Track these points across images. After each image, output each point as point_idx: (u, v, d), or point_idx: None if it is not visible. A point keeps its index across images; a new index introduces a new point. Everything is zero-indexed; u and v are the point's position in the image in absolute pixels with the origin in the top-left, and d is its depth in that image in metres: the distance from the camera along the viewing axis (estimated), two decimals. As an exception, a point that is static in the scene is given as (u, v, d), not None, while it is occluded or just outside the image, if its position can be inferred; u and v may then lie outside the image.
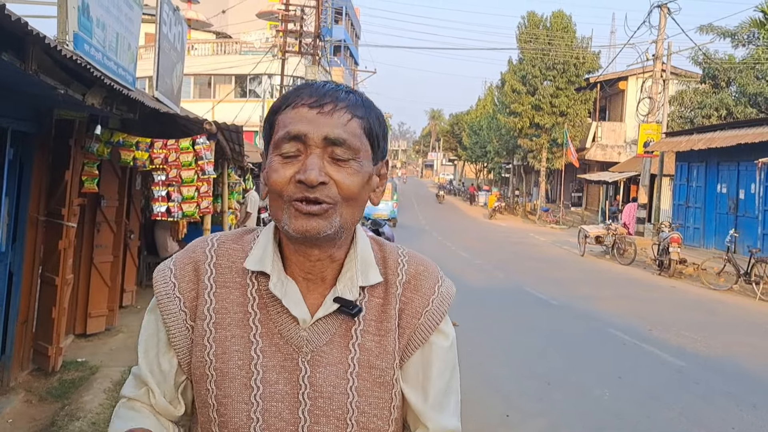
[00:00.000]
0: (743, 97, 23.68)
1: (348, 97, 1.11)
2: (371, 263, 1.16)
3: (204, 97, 34.01)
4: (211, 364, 1.12)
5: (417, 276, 1.19)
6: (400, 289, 1.17)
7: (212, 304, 1.14)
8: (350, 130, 1.07)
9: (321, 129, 1.06)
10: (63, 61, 4.05)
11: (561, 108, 32.82)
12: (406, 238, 20.68)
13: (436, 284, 1.20)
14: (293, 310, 1.10)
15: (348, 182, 1.07)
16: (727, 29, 25.13)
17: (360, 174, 1.08)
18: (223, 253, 1.17)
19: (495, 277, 14.16)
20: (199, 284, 1.15)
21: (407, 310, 1.16)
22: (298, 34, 26.69)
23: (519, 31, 35.18)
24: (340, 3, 47.42)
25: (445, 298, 1.21)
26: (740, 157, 17.07)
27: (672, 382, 6.82)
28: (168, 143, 6.63)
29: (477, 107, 59.81)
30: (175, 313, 1.14)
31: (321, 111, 1.07)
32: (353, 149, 1.07)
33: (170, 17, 8.13)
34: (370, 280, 1.15)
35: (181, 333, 1.14)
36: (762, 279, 12.43)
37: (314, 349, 1.11)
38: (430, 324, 1.17)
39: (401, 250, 1.23)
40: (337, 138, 1.06)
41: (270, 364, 1.11)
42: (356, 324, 1.13)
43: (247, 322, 1.12)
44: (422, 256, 1.24)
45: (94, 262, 7.08)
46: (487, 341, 8.26)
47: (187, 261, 1.17)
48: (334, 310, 1.11)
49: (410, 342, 1.16)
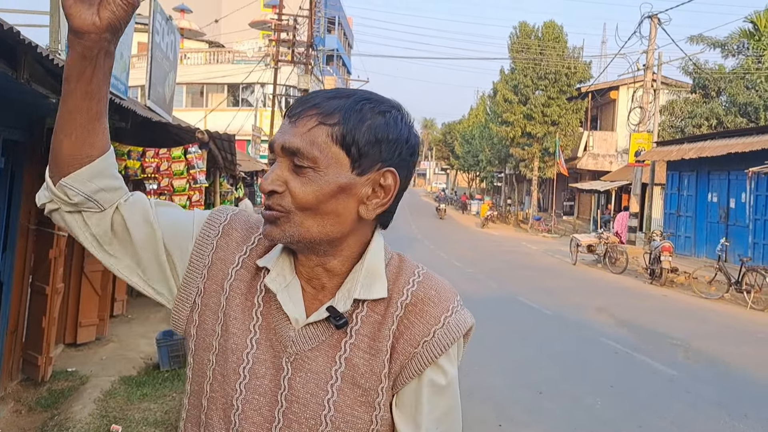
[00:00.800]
0: (733, 107, 23.86)
1: (327, 104, 1.07)
2: (378, 276, 1.11)
3: (196, 106, 33.99)
4: (218, 337, 1.13)
5: (424, 300, 1.11)
6: (401, 311, 1.10)
7: (232, 279, 1.16)
8: (310, 138, 1.04)
9: (282, 138, 1.07)
10: (55, 70, 4.04)
11: (553, 117, 32.97)
12: (397, 247, 20.63)
13: (444, 314, 1.11)
14: (286, 307, 1.10)
15: (298, 191, 1.05)
16: (717, 39, 25.38)
17: (316, 183, 1.04)
18: (264, 243, 1.19)
19: (487, 287, 14.16)
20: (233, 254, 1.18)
21: (405, 336, 1.09)
22: (291, 43, 26.75)
23: (511, 41, 35.36)
24: (333, 13, 47.58)
25: (451, 332, 1.10)
26: (731, 167, 17.18)
27: (664, 391, 6.83)
28: (160, 152, 6.64)
29: (469, 116, 60.04)
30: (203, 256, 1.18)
31: (291, 119, 1.08)
32: (308, 158, 1.04)
33: (163, 26, 8.13)
34: (373, 294, 1.10)
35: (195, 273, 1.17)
36: (753, 288, 12.48)
37: (298, 352, 1.10)
38: (427, 356, 1.09)
39: (419, 270, 1.16)
40: (290, 147, 1.05)
41: (262, 357, 1.11)
42: (348, 337, 1.10)
43: (252, 312, 1.13)
44: (441, 281, 1.16)
45: (84, 271, 7.05)
46: (480, 350, 8.25)
47: (240, 228, 1.20)
48: (324, 318, 1.10)
49: (404, 370, 1.09)
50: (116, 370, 6.34)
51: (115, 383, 5.95)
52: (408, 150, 1.12)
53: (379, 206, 1.10)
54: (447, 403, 1.12)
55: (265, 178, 1.06)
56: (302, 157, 1.04)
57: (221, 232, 1.19)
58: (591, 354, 8.41)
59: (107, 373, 6.22)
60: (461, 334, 1.12)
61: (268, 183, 1.06)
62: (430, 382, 1.09)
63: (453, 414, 1.13)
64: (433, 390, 1.10)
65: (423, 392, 1.09)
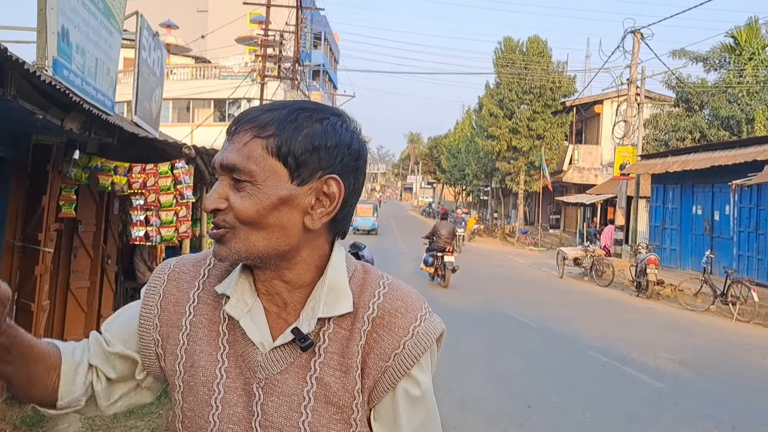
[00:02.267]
0: (716, 120, 24.16)
1: (262, 116, 1.06)
2: (342, 292, 1.10)
3: (183, 122, 33.92)
4: (181, 375, 1.13)
5: (392, 312, 1.10)
6: (368, 325, 1.09)
7: (191, 317, 1.15)
8: (245, 153, 1.04)
9: (220, 156, 1.07)
10: (42, 86, 4.04)
11: (538, 131, 33.20)
12: (384, 260, 20.64)
13: (412, 324, 1.09)
14: (250, 333, 1.09)
15: (239, 206, 1.04)
16: (699, 54, 25.75)
17: (256, 197, 1.03)
18: (216, 273, 1.18)
19: (474, 300, 14.17)
20: (186, 296, 1.17)
21: (376, 350, 1.08)
22: (277, 58, 26.81)
23: (496, 55, 35.64)
24: (319, 28, 47.79)
25: (422, 341, 1.09)
26: (714, 179, 17.36)
27: (651, 403, 6.85)
28: (146, 168, 6.61)
29: (455, 131, 60.30)
30: (150, 307, 1.18)
31: (228, 137, 1.08)
32: (245, 172, 1.03)
33: (149, 42, 8.14)
34: (338, 311, 1.08)
35: (148, 328, 1.17)
36: (738, 300, 12.58)
37: (268, 377, 1.08)
38: (400, 369, 1.07)
39: (383, 281, 1.14)
40: (228, 163, 1.05)
41: (232, 385, 1.10)
42: (317, 356, 1.08)
43: (218, 342, 1.12)
44: (407, 290, 1.14)
45: (70, 288, 6.99)
46: (467, 364, 8.26)
47: (185, 270, 1.21)
48: (290, 340, 1.08)
49: (378, 385, 1.08)
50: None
51: (101, 401, 5.87)
52: (351, 155, 1.09)
53: (325, 215, 1.08)
54: (424, 413, 1.11)
55: (207, 198, 1.06)
56: (240, 172, 1.04)
57: (166, 281, 1.19)
58: (579, 367, 8.42)
59: (93, 391, 6.15)
60: (432, 342, 1.11)
61: (210, 202, 1.05)
62: (405, 393, 1.08)
63: (431, 423, 1.12)
64: (409, 401, 1.09)
65: (399, 404, 1.08)
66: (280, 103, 1.10)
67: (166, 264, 1.22)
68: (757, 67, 23.45)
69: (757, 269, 15.42)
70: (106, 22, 6.16)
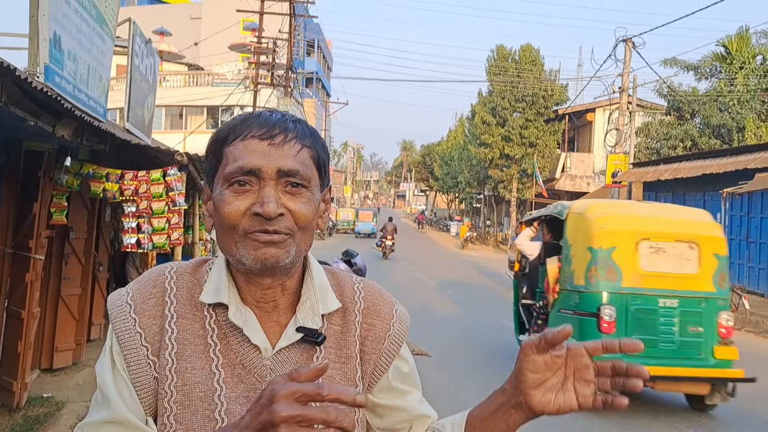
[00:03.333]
0: (707, 129, 24.31)
1: (296, 127, 1.11)
2: (328, 290, 1.17)
3: (176, 128, 33.88)
4: (172, 396, 1.07)
5: (375, 302, 1.22)
6: (360, 317, 1.19)
7: (174, 334, 1.10)
8: (301, 160, 1.08)
9: (274, 161, 1.06)
10: (33, 93, 4.03)
11: (530, 139, 33.31)
12: (377, 267, 20.66)
13: (392, 308, 1.23)
14: (254, 339, 1.09)
15: (304, 211, 1.08)
16: (691, 63, 25.93)
17: (313, 202, 1.10)
18: (183, 284, 1.15)
19: (466, 307, 14.18)
20: (162, 316, 1.11)
21: (371, 336, 1.19)
22: (270, 66, 26.85)
23: (488, 63, 35.78)
24: (312, 36, 47.89)
25: (404, 321, 1.24)
26: (706, 187, 17.46)
27: (646, 410, 6.86)
28: (138, 175, 6.60)
29: (448, 138, 60.45)
30: (136, 349, 1.09)
31: (272, 142, 1.07)
32: (306, 179, 1.08)
33: (142, 49, 8.14)
34: (330, 307, 1.15)
35: (143, 370, 1.09)
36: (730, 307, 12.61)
37: None
38: (394, 347, 1.20)
39: (355, 278, 1.25)
40: (291, 169, 1.07)
41: (233, 395, 1.08)
42: (317, 352, 1.13)
43: (208, 354, 1.10)
44: (375, 283, 1.27)
45: (61, 295, 6.96)
46: (459, 371, 8.25)
47: (148, 295, 1.13)
48: (297, 339, 1.10)
49: (376, 368, 1.18)
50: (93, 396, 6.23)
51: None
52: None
53: (326, 218, 1.19)
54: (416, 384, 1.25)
55: (267, 202, 1.04)
56: (300, 179, 1.07)
57: (136, 317, 1.11)
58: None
59: (84, 399, 6.12)
60: (408, 321, 1.25)
61: (274, 206, 1.04)
62: (397, 370, 1.21)
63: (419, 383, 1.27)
64: (401, 377, 1.22)
65: (393, 381, 1.21)
66: (289, 114, 1.15)
67: (121, 300, 1.13)
68: (747, 75, 23.63)
69: (748, 277, 15.49)
70: (99, 29, 6.16)
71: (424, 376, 5.52)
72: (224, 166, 1.09)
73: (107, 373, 1.10)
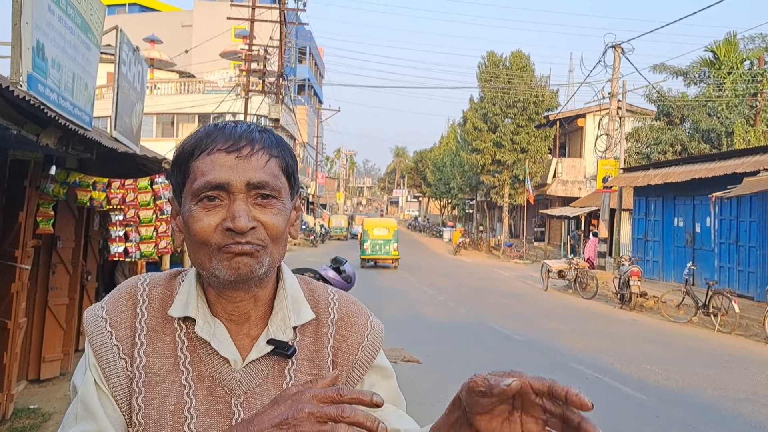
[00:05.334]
0: (697, 134, 24.44)
1: (263, 137, 1.10)
2: (301, 301, 1.17)
3: (167, 136, 33.82)
4: (140, 411, 1.07)
5: (349, 314, 1.21)
6: (333, 328, 1.18)
7: (144, 346, 1.10)
8: (270, 171, 1.07)
9: (243, 174, 1.05)
10: (16, 102, 4.00)
11: (522, 145, 33.43)
12: (368, 274, 20.63)
13: (367, 320, 1.22)
14: (223, 352, 1.08)
15: (275, 222, 1.07)
16: (680, 68, 26.07)
17: (283, 213, 1.09)
18: (155, 296, 1.14)
19: (459, 313, 14.17)
20: (134, 329, 1.11)
21: (343, 348, 1.18)
22: (262, 73, 26.85)
23: (480, 70, 35.92)
24: (304, 43, 47.95)
25: (378, 333, 1.23)
26: (695, 192, 17.53)
27: (635, 415, 6.87)
28: (126, 183, 6.57)
29: (440, 144, 60.64)
30: (114, 362, 1.09)
31: (239, 155, 1.06)
32: (276, 189, 1.07)
33: (130, 57, 8.12)
34: (303, 318, 1.14)
35: (122, 383, 1.08)
36: (720, 311, 12.67)
37: (247, 391, 1.09)
38: (366, 359, 1.19)
39: (330, 289, 1.24)
40: (260, 181, 1.05)
41: (203, 408, 1.07)
42: (289, 364, 1.12)
43: (178, 366, 1.09)
44: (349, 294, 1.27)
45: (48, 305, 6.91)
46: (451, 377, 8.23)
47: (122, 308, 1.13)
48: (268, 352, 1.09)
49: (349, 379, 1.17)
50: (69, 409, 6.18)
51: (79, 420, 5.80)
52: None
53: (298, 226, 1.20)
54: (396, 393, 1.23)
55: (238, 217, 1.03)
56: (270, 189, 1.06)
57: (112, 331, 1.10)
58: (562, 379, 8.25)
59: (71, 410, 6.07)
60: (383, 333, 1.25)
61: (246, 221, 1.03)
62: (371, 384, 1.20)
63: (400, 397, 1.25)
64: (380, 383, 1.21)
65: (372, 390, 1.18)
66: (254, 124, 1.14)
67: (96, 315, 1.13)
68: (735, 81, 23.77)
69: (737, 280, 15.54)
70: (84, 37, 6.14)
71: (415, 383, 5.59)
72: (192, 181, 1.07)
73: (90, 386, 1.09)
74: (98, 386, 1.09)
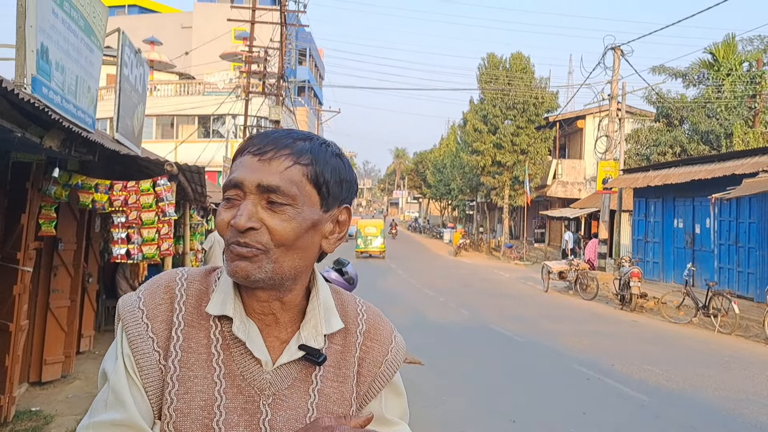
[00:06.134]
0: (696, 135, 24.47)
1: (295, 144, 1.11)
2: (333, 310, 1.19)
3: (167, 138, 33.82)
4: (172, 404, 1.09)
5: (376, 326, 1.24)
6: (361, 338, 1.22)
7: (180, 341, 1.12)
8: (287, 177, 1.08)
9: (256, 176, 1.07)
10: (20, 104, 4.02)
11: (522, 146, 33.43)
12: (370, 276, 20.63)
13: (392, 334, 1.26)
14: (256, 353, 1.11)
15: (280, 228, 1.07)
16: (679, 70, 26.12)
17: (296, 220, 1.08)
18: (192, 292, 1.16)
19: (460, 315, 14.18)
20: (170, 323, 1.13)
21: (368, 359, 1.21)
22: (262, 74, 26.86)
23: (480, 71, 35.92)
24: (304, 44, 47.95)
25: (400, 349, 1.26)
26: (695, 193, 17.54)
27: (635, 416, 6.88)
28: (128, 185, 6.58)
29: (440, 146, 60.60)
30: (149, 354, 1.10)
31: (261, 158, 1.09)
32: (288, 196, 1.07)
33: (131, 59, 8.13)
34: (333, 327, 1.17)
35: (154, 374, 1.10)
36: (720, 312, 12.68)
37: (276, 393, 1.12)
38: (388, 373, 1.23)
39: (358, 299, 1.28)
40: (270, 185, 1.07)
41: (232, 405, 1.10)
42: (316, 369, 1.16)
43: (211, 363, 1.11)
44: (375, 308, 1.29)
45: (50, 307, 6.91)
46: (452, 379, 8.25)
47: (160, 300, 1.14)
48: (298, 357, 1.12)
49: (369, 390, 1.21)
50: (83, 409, 6.19)
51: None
52: (354, 189, 1.22)
53: (338, 240, 1.18)
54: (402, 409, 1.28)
55: (239, 215, 1.06)
56: (282, 195, 1.07)
57: (148, 323, 1.12)
58: (563, 381, 8.44)
59: (73, 412, 6.08)
60: (404, 348, 1.28)
61: (245, 220, 1.05)
62: (388, 399, 1.25)
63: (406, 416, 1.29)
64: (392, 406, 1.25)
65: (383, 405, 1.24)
66: (301, 132, 1.16)
67: (134, 305, 1.14)
68: (734, 82, 23.81)
69: (737, 281, 15.56)
70: (87, 40, 6.15)
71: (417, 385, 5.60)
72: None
73: (121, 375, 1.10)
74: (129, 376, 1.11)
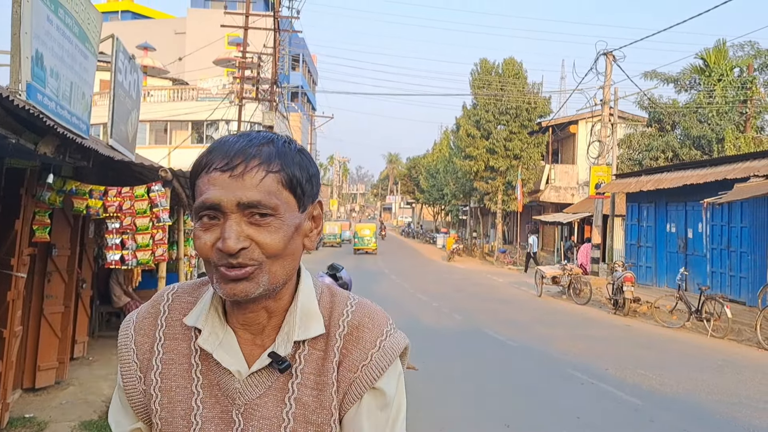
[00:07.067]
0: (688, 140, 24.61)
1: (261, 151, 1.07)
2: (313, 315, 1.14)
3: (160, 143, 33.77)
4: (157, 413, 1.15)
5: (359, 327, 1.15)
6: (341, 342, 1.14)
7: (160, 355, 1.16)
8: (265, 189, 1.05)
9: (234, 194, 1.04)
10: (15, 111, 4.02)
11: (515, 151, 33.52)
12: (364, 281, 20.63)
13: (378, 338, 1.14)
14: (225, 362, 1.11)
15: (269, 241, 1.05)
16: (670, 75, 26.28)
17: (282, 230, 1.06)
18: (176, 306, 1.19)
19: (453, 320, 14.19)
20: (153, 337, 1.18)
21: (345, 363, 1.12)
22: (255, 80, 26.87)
23: (472, 77, 36.02)
24: (297, 50, 48.02)
25: (388, 353, 1.14)
26: (687, 198, 17.63)
27: (629, 420, 6.90)
28: (122, 191, 6.58)
29: (433, 151, 60.67)
30: (129, 363, 1.18)
31: (232, 174, 1.04)
32: (270, 207, 1.05)
33: (125, 65, 8.14)
34: (311, 333, 1.13)
35: (133, 383, 1.18)
36: (712, 316, 12.73)
37: (247, 402, 1.11)
38: (367, 380, 1.12)
39: (351, 300, 1.19)
40: (251, 201, 1.04)
41: (209, 415, 1.12)
42: (294, 377, 1.12)
43: (191, 373, 1.14)
44: (372, 307, 1.20)
45: (44, 313, 6.89)
46: (445, 384, 8.26)
47: (146, 315, 1.21)
48: (267, 364, 1.11)
49: (346, 397, 1.12)
50: (76, 415, 6.17)
51: (75, 429, 5.80)
52: (319, 180, 1.18)
53: (316, 236, 1.17)
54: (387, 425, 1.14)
55: (226, 238, 1.03)
56: (264, 207, 1.04)
57: (133, 334, 1.20)
58: (557, 385, 8.46)
59: (67, 419, 6.06)
60: (397, 354, 1.15)
61: (234, 242, 1.03)
62: (370, 405, 1.12)
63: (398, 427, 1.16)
64: (374, 413, 1.13)
65: (363, 415, 1.12)
66: (260, 134, 1.11)
67: (129, 318, 1.23)
68: (726, 88, 23.96)
69: (729, 285, 15.64)
70: (81, 46, 6.16)
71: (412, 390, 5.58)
72: (197, 200, 1.08)
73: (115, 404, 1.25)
74: (123, 405, 1.22)
